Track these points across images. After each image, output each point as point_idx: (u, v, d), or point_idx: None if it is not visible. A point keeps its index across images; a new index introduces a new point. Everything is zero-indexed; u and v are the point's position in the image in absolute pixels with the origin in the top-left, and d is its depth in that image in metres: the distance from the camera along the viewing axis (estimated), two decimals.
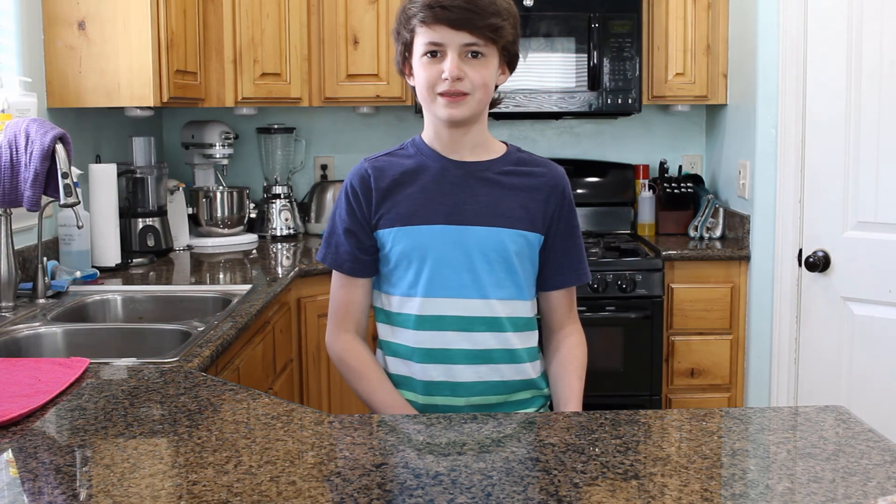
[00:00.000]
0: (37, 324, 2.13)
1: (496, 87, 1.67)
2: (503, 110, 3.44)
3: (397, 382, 1.69)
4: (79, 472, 1.21)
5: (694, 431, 1.36)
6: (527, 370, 1.71)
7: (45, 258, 2.47)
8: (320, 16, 3.44)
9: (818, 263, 3.00)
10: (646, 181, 3.75)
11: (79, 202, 2.26)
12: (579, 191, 3.76)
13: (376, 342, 1.75)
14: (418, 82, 1.63)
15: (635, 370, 3.26)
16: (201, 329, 2.05)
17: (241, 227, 3.54)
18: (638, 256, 3.28)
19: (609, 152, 3.91)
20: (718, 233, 3.53)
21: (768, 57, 3.12)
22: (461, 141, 1.67)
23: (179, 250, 3.34)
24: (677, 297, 3.28)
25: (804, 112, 3.02)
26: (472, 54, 1.59)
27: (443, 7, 1.55)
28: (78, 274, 2.56)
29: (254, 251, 3.37)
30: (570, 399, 1.70)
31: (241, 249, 3.39)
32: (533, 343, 1.73)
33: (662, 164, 3.75)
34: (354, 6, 3.43)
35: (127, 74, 2.73)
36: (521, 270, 1.67)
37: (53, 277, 2.47)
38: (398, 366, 1.69)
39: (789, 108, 3.05)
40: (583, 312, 1.85)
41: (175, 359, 1.78)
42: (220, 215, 3.47)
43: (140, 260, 3.01)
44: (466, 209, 1.64)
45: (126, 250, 2.98)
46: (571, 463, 1.22)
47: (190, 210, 3.43)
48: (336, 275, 1.73)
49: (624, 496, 1.12)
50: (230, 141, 3.58)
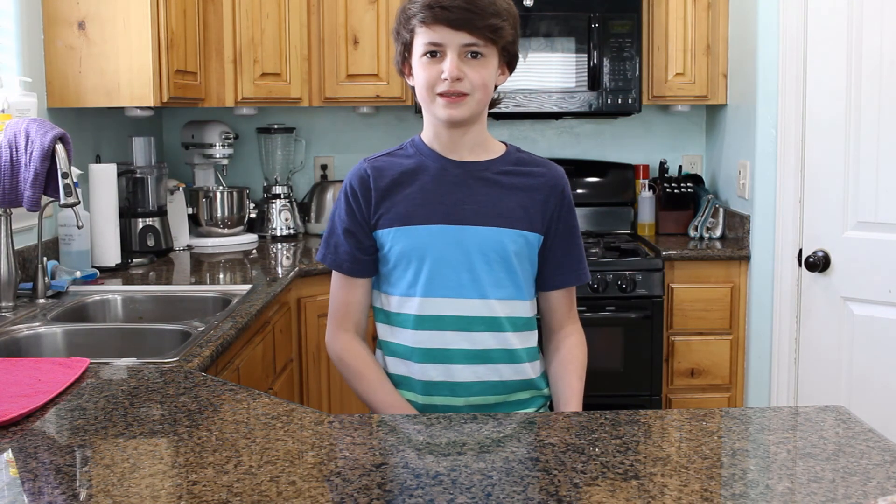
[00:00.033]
0: (37, 324, 2.13)
1: (496, 88, 1.67)
2: (503, 110, 3.44)
3: (396, 382, 1.69)
4: (79, 472, 1.21)
5: (694, 431, 1.36)
6: (526, 370, 1.70)
7: (45, 258, 2.47)
8: (320, 16, 3.44)
9: (818, 263, 3.00)
10: (646, 181, 3.75)
11: (79, 202, 2.26)
12: (579, 191, 3.76)
13: (376, 342, 1.75)
14: (418, 82, 1.63)
15: (635, 370, 3.26)
16: (201, 329, 2.05)
17: (241, 227, 3.54)
18: (638, 256, 3.29)
19: (609, 152, 3.91)
20: (718, 233, 3.53)
21: (768, 57, 3.12)
22: (460, 141, 1.67)
23: (179, 250, 3.34)
24: (677, 297, 3.28)
25: (804, 112, 3.02)
26: (472, 55, 1.59)
27: (442, 7, 1.55)
28: (78, 274, 2.56)
29: (254, 251, 3.37)
30: (571, 399, 1.69)
31: (241, 249, 3.39)
32: (532, 343, 1.72)
33: (662, 164, 3.75)
34: (354, 6, 3.44)
35: (127, 74, 2.73)
36: (521, 270, 1.67)
37: (53, 277, 2.47)
38: (397, 366, 1.69)
39: (789, 108, 3.05)
40: (583, 312, 1.85)
41: (175, 359, 1.78)
42: (220, 215, 3.47)
43: (140, 260, 3.01)
44: (465, 209, 1.64)
45: (126, 250, 2.98)
46: (571, 463, 1.22)
47: (190, 210, 3.43)
48: (335, 275, 1.73)
49: (624, 496, 1.12)
50: (230, 141, 3.58)
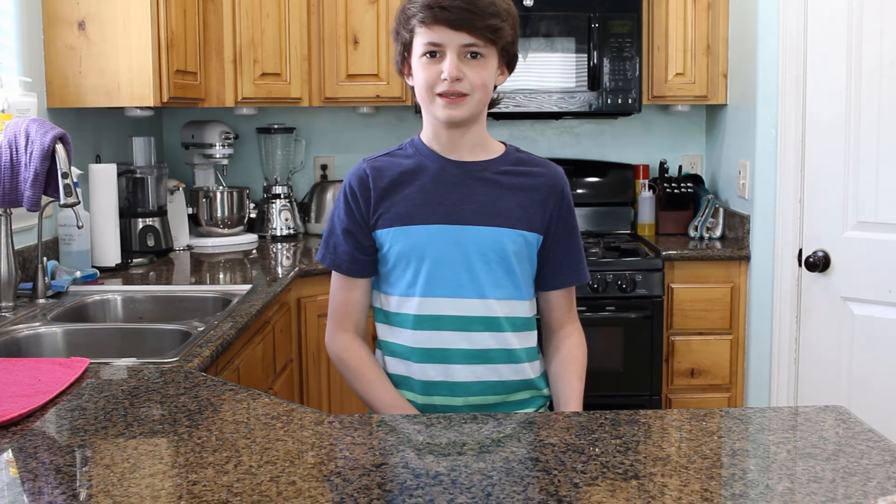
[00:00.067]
0: (37, 324, 2.13)
1: (495, 88, 1.67)
2: (503, 110, 3.44)
3: (396, 382, 1.69)
4: (79, 472, 1.21)
5: (694, 431, 1.36)
6: (525, 370, 1.70)
7: (45, 258, 2.47)
8: (320, 16, 3.44)
9: (818, 263, 3.00)
10: (646, 181, 3.75)
11: (79, 202, 2.26)
12: (579, 191, 3.76)
13: (376, 342, 1.75)
14: (417, 82, 1.63)
15: (635, 370, 3.26)
16: (201, 329, 2.05)
17: (241, 227, 3.54)
18: (638, 256, 3.28)
19: (609, 152, 3.91)
20: (718, 233, 3.53)
21: (768, 57, 3.12)
22: (460, 141, 1.67)
23: (179, 250, 3.34)
24: (677, 297, 3.28)
25: (804, 112, 3.02)
26: (472, 55, 1.59)
27: (442, 7, 1.55)
28: (78, 274, 2.56)
29: (254, 251, 3.37)
30: (571, 399, 1.69)
31: (241, 249, 3.39)
32: (532, 343, 1.72)
33: (662, 164, 3.75)
34: (354, 6, 3.44)
35: (127, 74, 2.73)
36: (520, 270, 1.67)
37: (53, 277, 2.47)
38: (397, 366, 1.69)
39: (789, 108, 3.05)
40: (583, 312, 1.85)
41: (175, 359, 1.78)
42: (220, 215, 3.47)
43: (140, 260, 3.01)
44: (465, 209, 1.64)
45: (126, 250, 2.98)
46: (571, 463, 1.22)
47: (190, 210, 3.43)
48: (335, 275, 1.73)
49: (624, 496, 1.12)
50: (230, 141, 3.58)
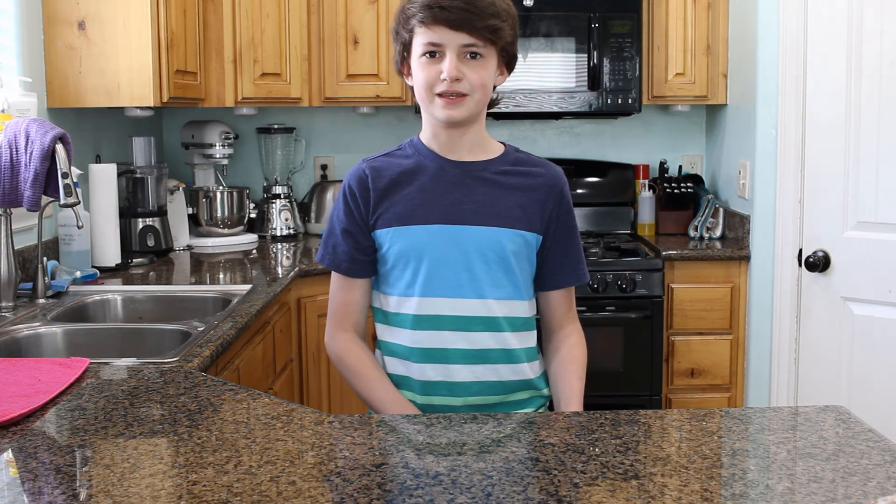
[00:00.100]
0: (37, 324, 2.13)
1: (494, 88, 1.67)
2: (503, 110, 3.44)
3: (395, 382, 1.69)
4: (79, 472, 1.21)
5: (694, 431, 1.36)
6: (525, 370, 1.70)
7: (45, 258, 2.47)
8: (320, 16, 3.44)
9: (818, 263, 3.00)
10: (646, 181, 3.75)
11: (79, 202, 2.26)
12: (579, 191, 3.76)
13: (376, 342, 1.75)
14: (417, 82, 1.63)
15: (635, 370, 3.26)
16: (201, 329, 2.05)
17: (241, 227, 3.54)
18: (638, 256, 3.28)
19: (609, 152, 3.91)
20: (718, 233, 3.53)
21: (768, 57, 3.12)
22: (459, 141, 1.67)
23: (179, 250, 3.34)
24: (677, 297, 3.28)
25: (804, 112, 3.02)
26: (471, 55, 1.59)
27: (442, 7, 1.55)
28: (78, 274, 2.56)
29: (254, 251, 3.37)
30: (571, 399, 1.69)
31: (241, 249, 3.39)
32: (531, 343, 1.72)
33: (662, 164, 3.75)
34: (354, 6, 3.44)
35: (127, 74, 2.73)
36: (519, 270, 1.67)
37: (53, 277, 2.47)
38: (396, 366, 1.69)
39: (789, 108, 3.05)
40: (583, 312, 1.85)
41: (175, 359, 1.78)
42: (220, 215, 3.47)
43: (140, 260, 3.01)
44: (464, 209, 1.64)
45: (126, 250, 2.99)
46: (571, 463, 1.22)
47: (190, 210, 3.43)
48: (334, 275, 1.73)
49: (624, 496, 1.12)
50: (230, 141, 3.58)
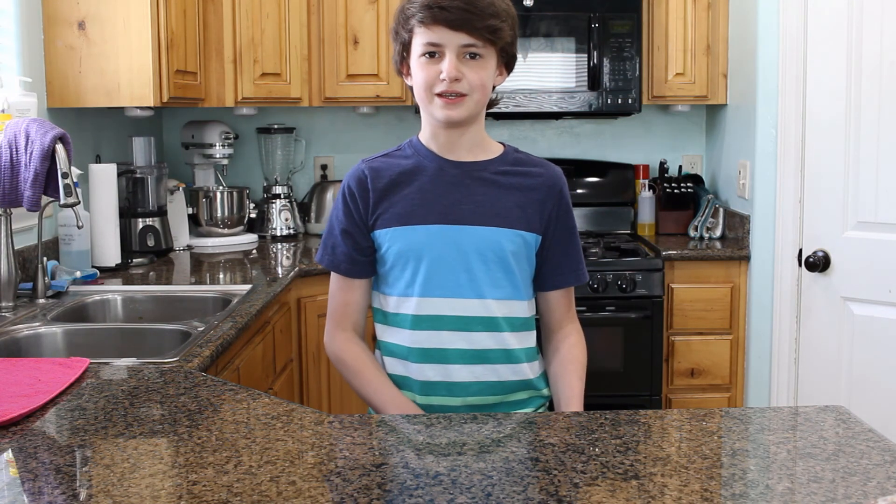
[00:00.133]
0: (37, 324, 2.13)
1: (494, 88, 1.67)
2: (503, 110, 3.44)
3: (395, 383, 1.69)
4: (79, 472, 1.21)
5: (694, 431, 1.36)
6: (524, 370, 1.70)
7: (45, 258, 2.47)
8: (320, 16, 3.44)
9: (818, 263, 3.00)
10: (646, 181, 3.75)
11: (79, 202, 2.26)
12: (579, 191, 3.76)
13: (375, 342, 1.75)
14: (416, 83, 1.62)
15: (635, 370, 3.26)
16: (201, 329, 2.05)
17: (241, 227, 3.54)
18: (638, 256, 3.28)
19: (609, 152, 3.91)
20: (718, 233, 3.53)
21: (768, 57, 3.12)
22: (458, 141, 1.67)
23: (179, 250, 3.34)
24: (677, 297, 3.28)
25: (804, 112, 3.02)
26: (471, 55, 1.59)
27: (441, 8, 1.55)
28: (78, 274, 2.56)
29: (254, 251, 3.37)
30: (571, 399, 1.69)
31: (241, 249, 3.39)
32: (530, 343, 1.72)
33: (662, 164, 3.75)
34: (354, 6, 3.44)
35: (127, 74, 2.73)
36: (518, 270, 1.67)
37: (53, 277, 2.47)
38: (395, 366, 1.69)
39: (789, 108, 3.05)
40: (583, 312, 1.85)
41: (175, 359, 1.78)
42: (220, 215, 3.47)
43: (140, 260, 3.01)
44: (463, 209, 1.64)
45: (126, 250, 2.98)
46: (571, 463, 1.22)
47: (190, 210, 3.43)
48: (334, 276, 1.73)
49: (624, 496, 1.12)
50: (230, 141, 3.58)
